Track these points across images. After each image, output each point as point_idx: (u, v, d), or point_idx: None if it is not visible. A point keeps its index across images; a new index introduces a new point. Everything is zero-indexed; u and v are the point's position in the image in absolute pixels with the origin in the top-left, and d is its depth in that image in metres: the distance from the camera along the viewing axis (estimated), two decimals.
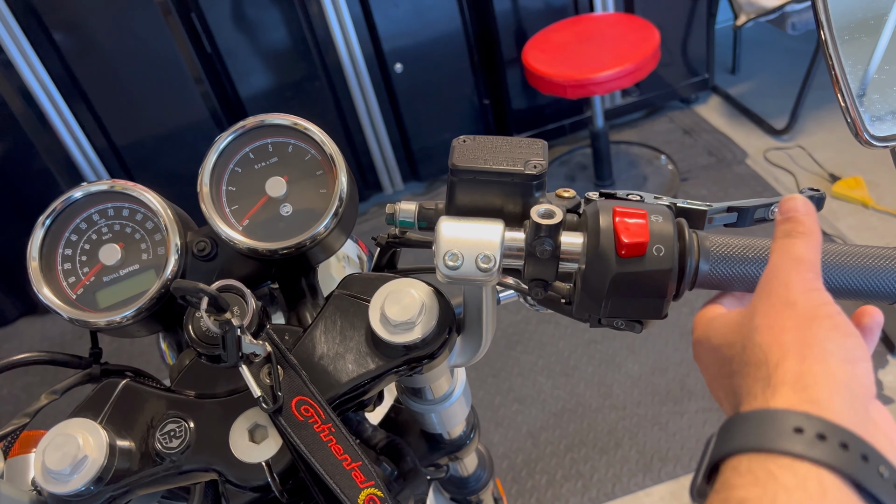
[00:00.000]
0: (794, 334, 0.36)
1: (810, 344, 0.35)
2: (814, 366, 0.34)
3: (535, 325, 2.17)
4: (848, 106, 0.43)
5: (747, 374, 0.37)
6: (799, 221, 0.40)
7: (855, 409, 0.34)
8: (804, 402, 0.33)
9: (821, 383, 0.34)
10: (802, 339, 0.35)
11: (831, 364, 0.34)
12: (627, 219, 0.43)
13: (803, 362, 0.34)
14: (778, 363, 0.35)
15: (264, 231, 0.56)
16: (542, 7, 2.60)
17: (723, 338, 0.40)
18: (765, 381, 0.35)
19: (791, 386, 0.34)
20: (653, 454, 1.76)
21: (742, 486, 0.32)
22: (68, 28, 2.21)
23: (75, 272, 0.57)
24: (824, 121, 2.70)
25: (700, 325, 0.43)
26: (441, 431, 0.67)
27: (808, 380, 0.34)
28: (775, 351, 0.35)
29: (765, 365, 0.36)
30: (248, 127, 0.57)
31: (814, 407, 0.33)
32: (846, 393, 0.34)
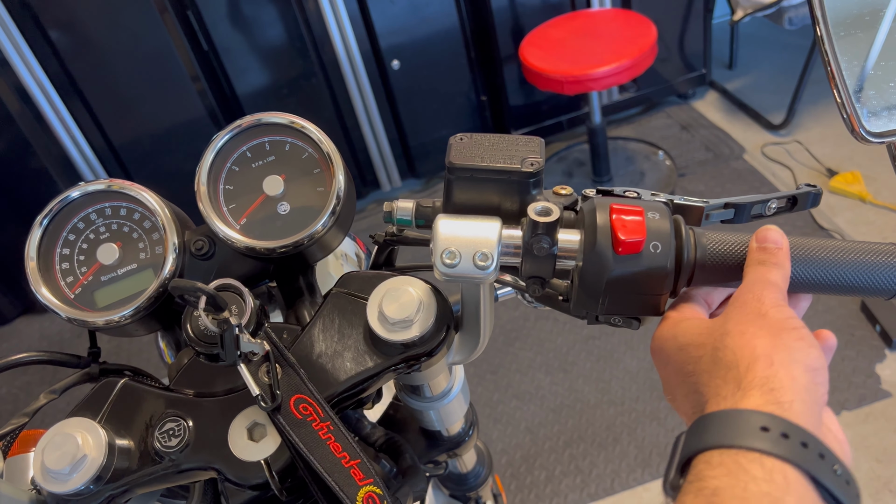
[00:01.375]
0: (764, 341, 0.39)
1: (779, 350, 0.38)
2: (780, 370, 0.38)
3: (533, 321, 2.17)
4: (844, 102, 0.43)
5: (716, 375, 0.40)
6: (772, 253, 0.44)
7: (813, 413, 0.37)
8: (770, 404, 0.36)
9: (786, 387, 0.37)
10: (772, 346, 0.39)
11: (796, 370, 0.38)
12: (624, 216, 0.43)
13: (771, 367, 0.38)
14: (749, 366, 0.38)
15: (262, 230, 0.56)
16: (539, 3, 2.60)
17: (692, 338, 0.43)
18: (735, 383, 0.38)
19: (759, 388, 0.37)
20: (651, 449, 1.76)
21: (715, 477, 0.35)
22: (64, 26, 2.21)
23: (73, 272, 0.57)
24: (821, 116, 2.71)
25: (668, 324, 0.45)
26: (440, 428, 0.67)
27: (774, 383, 0.37)
28: (746, 354, 0.39)
29: (735, 367, 0.39)
30: (245, 126, 0.57)
31: (778, 408, 0.36)
32: (807, 397, 0.37)
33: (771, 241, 0.45)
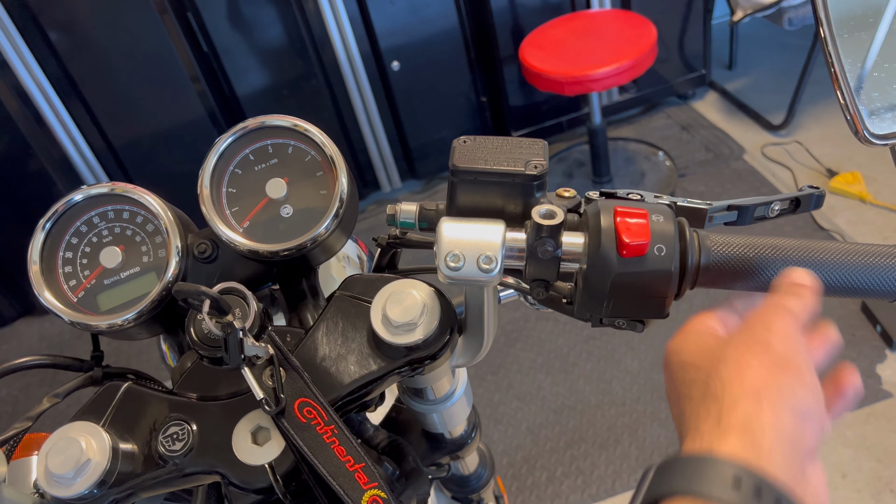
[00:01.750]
0: (758, 375, 0.36)
1: (769, 388, 0.36)
2: (765, 412, 0.35)
3: (533, 322, 2.17)
4: (847, 103, 0.43)
5: (702, 406, 0.37)
6: (801, 289, 0.41)
7: (793, 465, 0.35)
8: (747, 449, 0.34)
9: (767, 432, 0.35)
10: (764, 383, 0.36)
11: (782, 415, 0.35)
12: (629, 219, 0.43)
13: (757, 406, 0.35)
14: (733, 403, 0.36)
15: (265, 233, 0.56)
16: (538, 4, 2.60)
17: (694, 358, 0.41)
18: (716, 419, 0.36)
19: (738, 430, 0.35)
20: (652, 450, 1.76)
21: None
22: (64, 28, 2.21)
23: (76, 275, 0.57)
24: (822, 116, 2.71)
25: (681, 335, 0.43)
26: (442, 431, 0.67)
27: (755, 425, 0.35)
28: (735, 388, 0.36)
29: (720, 401, 0.36)
30: (248, 129, 0.57)
31: (755, 456, 0.34)
32: (788, 446, 0.35)
33: (801, 282, 0.42)
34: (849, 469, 1.63)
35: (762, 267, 0.45)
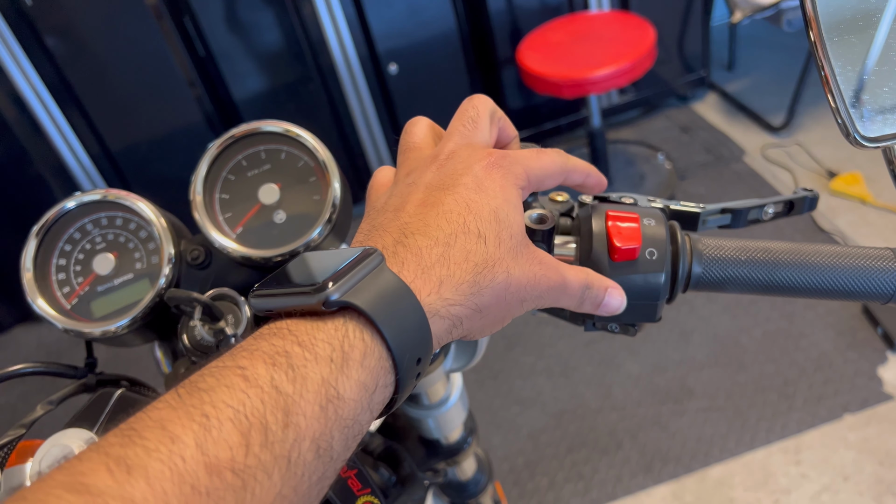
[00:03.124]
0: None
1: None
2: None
3: (533, 326, 2.17)
4: (838, 107, 0.43)
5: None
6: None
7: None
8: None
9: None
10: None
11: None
12: (620, 223, 0.42)
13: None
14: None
15: (258, 238, 0.56)
16: (536, 6, 2.60)
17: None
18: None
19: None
20: (653, 454, 1.76)
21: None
22: (61, 33, 2.21)
23: (69, 282, 0.57)
24: (821, 117, 2.71)
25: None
26: (438, 436, 0.66)
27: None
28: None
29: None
30: (240, 135, 0.57)
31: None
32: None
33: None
34: (851, 472, 1.62)
35: (754, 270, 0.44)
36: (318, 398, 0.27)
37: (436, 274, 0.33)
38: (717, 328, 2.01)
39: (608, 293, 0.40)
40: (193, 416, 0.25)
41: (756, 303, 2.05)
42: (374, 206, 0.39)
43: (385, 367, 0.30)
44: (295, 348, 0.28)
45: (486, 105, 0.42)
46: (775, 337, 1.96)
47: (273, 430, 0.25)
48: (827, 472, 1.63)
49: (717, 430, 1.77)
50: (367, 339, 0.29)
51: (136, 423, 0.25)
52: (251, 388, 0.26)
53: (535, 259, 0.37)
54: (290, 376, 0.27)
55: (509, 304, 0.35)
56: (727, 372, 1.90)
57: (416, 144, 0.41)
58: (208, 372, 0.27)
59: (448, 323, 0.33)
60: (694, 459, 1.72)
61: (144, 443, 0.24)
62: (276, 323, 0.30)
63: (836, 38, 0.40)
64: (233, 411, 0.25)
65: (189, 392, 0.26)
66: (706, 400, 1.84)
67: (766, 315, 2.02)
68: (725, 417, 1.79)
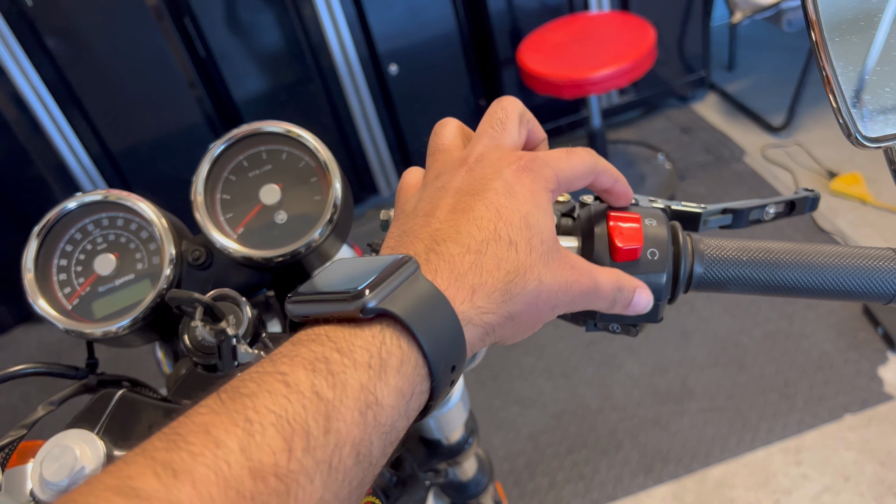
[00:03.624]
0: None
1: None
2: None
3: None
4: (839, 107, 0.43)
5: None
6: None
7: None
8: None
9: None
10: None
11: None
12: (622, 223, 0.42)
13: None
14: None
15: (259, 239, 0.56)
16: (536, 6, 2.60)
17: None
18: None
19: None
20: (654, 455, 1.76)
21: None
22: (61, 34, 2.21)
23: (70, 283, 0.57)
24: (822, 117, 2.70)
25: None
26: (439, 437, 0.66)
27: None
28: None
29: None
30: (241, 135, 0.57)
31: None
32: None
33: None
34: (851, 472, 1.62)
35: (756, 270, 0.44)
36: (357, 404, 0.27)
37: (468, 282, 0.33)
38: (718, 328, 2.01)
39: (637, 293, 0.40)
40: (237, 420, 0.25)
41: (756, 303, 2.05)
42: (404, 210, 0.39)
43: (421, 375, 0.30)
44: (334, 355, 0.28)
45: (515, 107, 0.41)
46: (776, 337, 1.95)
47: (315, 435, 0.26)
48: (828, 473, 1.63)
49: (718, 431, 1.77)
50: (404, 346, 0.30)
51: (180, 427, 0.25)
52: (292, 394, 0.26)
53: (566, 264, 0.36)
54: (329, 382, 0.27)
55: (541, 310, 0.36)
56: (728, 372, 1.90)
57: (445, 146, 0.41)
58: (249, 377, 0.27)
59: (481, 331, 0.33)
60: (694, 460, 1.72)
61: (190, 447, 0.24)
62: (314, 329, 0.30)
63: (837, 38, 0.40)
64: (275, 416, 0.25)
65: (231, 397, 0.26)
66: (707, 400, 1.84)
67: (767, 315, 2.02)
68: (726, 418, 1.79)
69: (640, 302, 0.40)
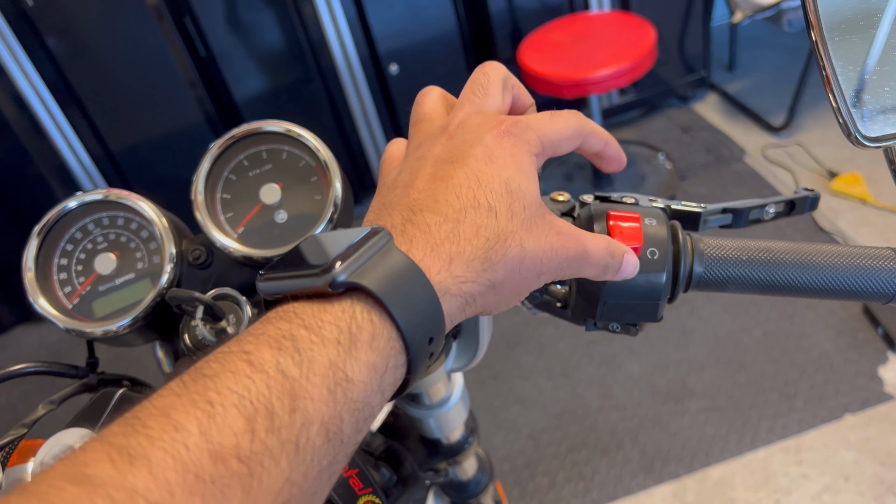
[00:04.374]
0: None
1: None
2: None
3: (534, 326, 2.17)
4: (840, 107, 0.43)
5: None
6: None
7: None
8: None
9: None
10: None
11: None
12: (621, 223, 0.42)
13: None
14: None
15: (259, 238, 0.56)
16: (537, 6, 2.60)
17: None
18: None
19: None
20: (654, 454, 1.76)
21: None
22: (61, 33, 2.21)
23: (71, 282, 0.57)
24: (822, 117, 2.71)
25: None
26: (439, 436, 0.66)
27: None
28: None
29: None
30: (241, 134, 0.57)
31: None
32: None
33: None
34: (851, 472, 1.62)
35: (755, 270, 0.44)
36: (325, 381, 0.27)
37: (445, 251, 0.32)
38: (718, 328, 2.01)
39: (625, 259, 0.39)
40: (197, 403, 0.25)
41: (756, 303, 2.05)
42: (385, 182, 0.38)
43: (396, 348, 0.29)
44: (301, 331, 0.27)
45: (498, 71, 0.40)
46: (776, 337, 1.96)
47: (279, 414, 0.25)
48: (828, 473, 1.63)
49: (718, 430, 1.77)
50: (376, 319, 0.29)
51: (139, 412, 0.25)
52: (256, 373, 0.26)
53: (551, 229, 0.35)
54: (296, 360, 0.26)
55: (525, 277, 0.34)
56: (728, 372, 1.90)
57: (426, 115, 0.40)
58: (213, 358, 0.27)
59: (461, 301, 0.32)
60: (695, 459, 1.72)
61: (148, 431, 0.24)
62: (283, 306, 0.29)
63: (837, 37, 0.40)
64: (237, 397, 0.25)
65: (193, 379, 0.26)
66: (707, 400, 1.84)
67: (767, 315, 2.02)
68: (726, 417, 1.79)
69: (628, 268, 0.40)
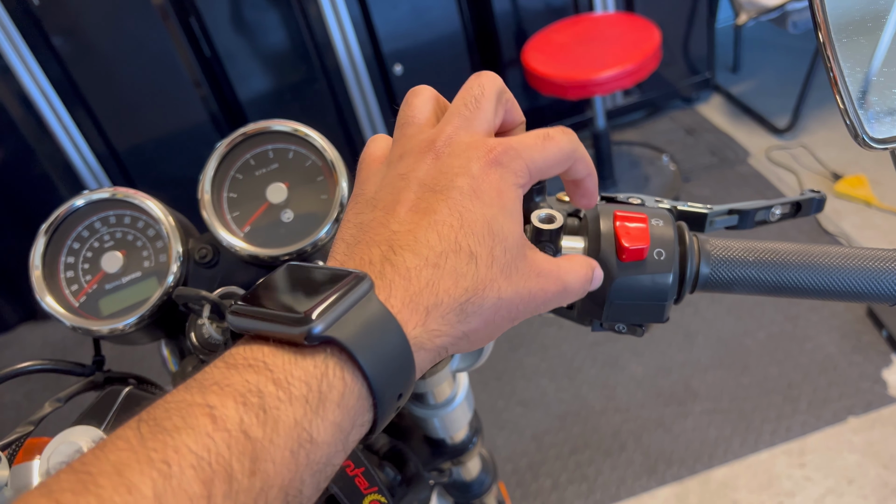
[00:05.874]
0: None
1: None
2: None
3: (537, 327, 2.16)
4: (847, 108, 0.43)
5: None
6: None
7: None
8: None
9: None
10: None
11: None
12: (628, 223, 0.43)
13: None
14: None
15: (266, 237, 0.57)
16: (541, 7, 2.60)
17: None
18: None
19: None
20: (657, 456, 1.76)
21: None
22: (67, 33, 2.22)
23: (78, 280, 0.57)
24: (827, 119, 2.70)
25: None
26: (444, 436, 0.67)
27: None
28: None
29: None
30: (248, 134, 0.57)
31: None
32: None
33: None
34: (855, 475, 1.62)
35: (762, 271, 0.44)
36: (289, 443, 0.26)
37: (423, 303, 0.30)
38: (722, 330, 2.01)
39: (594, 274, 0.39)
40: (154, 461, 0.23)
41: (760, 305, 2.05)
42: (364, 193, 0.36)
43: (364, 406, 0.28)
44: (269, 387, 0.26)
45: (494, 84, 0.38)
46: (779, 339, 1.95)
47: (238, 478, 0.24)
48: (831, 475, 1.63)
49: (721, 433, 1.77)
50: (348, 378, 0.28)
51: (92, 464, 0.23)
52: (217, 432, 0.24)
53: (531, 272, 0.34)
54: (260, 419, 0.25)
55: (498, 325, 0.34)
56: (731, 374, 1.90)
57: (414, 119, 0.38)
58: (175, 407, 0.25)
59: (433, 354, 0.31)
60: (698, 461, 1.72)
61: (99, 491, 0.22)
62: (253, 351, 0.28)
63: (844, 39, 0.40)
64: (196, 458, 0.24)
65: (152, 432, 0.24)
66: (710, 402, 1.84)
67: (771, 317, 2.01)
68: (729, 420, 1.79)
69: (596, 283, 0.40)
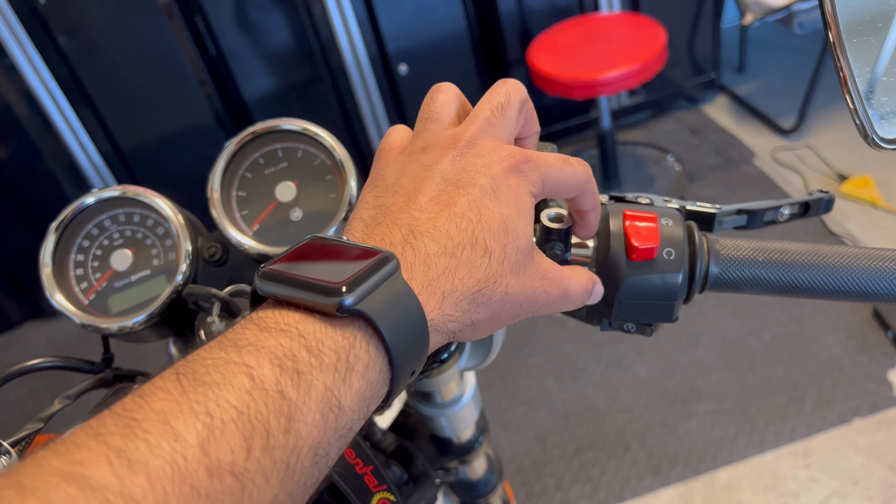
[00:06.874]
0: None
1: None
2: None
3: (541, 327, 2.16)
4: (856, 108, 0.43)
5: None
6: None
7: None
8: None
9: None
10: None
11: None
12: (638, 223, 0.43)
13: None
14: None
15: (274, 236, 0.57)
16: (546, 7, 2.60)
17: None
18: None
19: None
20: (661, 456, 1.75)
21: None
22: (73, 32, 2.23)
23: (87, 278, 0.57)
24: (832, 120, 2.70)
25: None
26: (450, 435, 0.67)
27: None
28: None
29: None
30: (258, 132, 0.58)
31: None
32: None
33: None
34: (860, 476, 1.62)
35: (771, 271, 0.44)
36: (320, 406, 0.27)
37: (440, 288, 0.32)
38: (726, 331, 2.01)
39: (595, 289, 0.41)
40: (198, 413, 0.24)
41: (765, 306, 2.05)
42: (384, 178, 0.37)
43: (383, 380, 0.30)
44: (302, 352, 0.27)
45: (519, 93, 0.39)
46: (784, 340, 1.95)
47: (275, 434, 0.25)
48: (836, 477, 1.63)
49: (726, 433, 1.77)
50: (372, 351, 0.29)
51: (136, 411, 0.24)
52: (256, 390, 0.26)
53: (537, 274, 0.36)
54: (295, 382, 0.27)
55: (501, 318, 0.35)
56: (736, 375, 1.89)
57: (437, 115, 0.39)
58: (213, 364, 0.26)
59: (444, 337, 0.33)
60: (702, 462, 1.72)
61: (146, 437, 0.23)
62: (283, 316, 0.29)
63: (854, 39, 0.40)
64: (237, 412, 0.25)
65: (192, 385, 0.25)
66: (715, 402, 1.84)
67: (776, 318, 2.01)
68: (734, 420, 1.79)
69: (595, 297, 0.41)
